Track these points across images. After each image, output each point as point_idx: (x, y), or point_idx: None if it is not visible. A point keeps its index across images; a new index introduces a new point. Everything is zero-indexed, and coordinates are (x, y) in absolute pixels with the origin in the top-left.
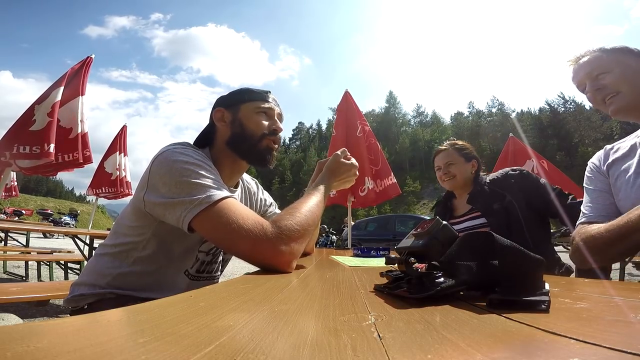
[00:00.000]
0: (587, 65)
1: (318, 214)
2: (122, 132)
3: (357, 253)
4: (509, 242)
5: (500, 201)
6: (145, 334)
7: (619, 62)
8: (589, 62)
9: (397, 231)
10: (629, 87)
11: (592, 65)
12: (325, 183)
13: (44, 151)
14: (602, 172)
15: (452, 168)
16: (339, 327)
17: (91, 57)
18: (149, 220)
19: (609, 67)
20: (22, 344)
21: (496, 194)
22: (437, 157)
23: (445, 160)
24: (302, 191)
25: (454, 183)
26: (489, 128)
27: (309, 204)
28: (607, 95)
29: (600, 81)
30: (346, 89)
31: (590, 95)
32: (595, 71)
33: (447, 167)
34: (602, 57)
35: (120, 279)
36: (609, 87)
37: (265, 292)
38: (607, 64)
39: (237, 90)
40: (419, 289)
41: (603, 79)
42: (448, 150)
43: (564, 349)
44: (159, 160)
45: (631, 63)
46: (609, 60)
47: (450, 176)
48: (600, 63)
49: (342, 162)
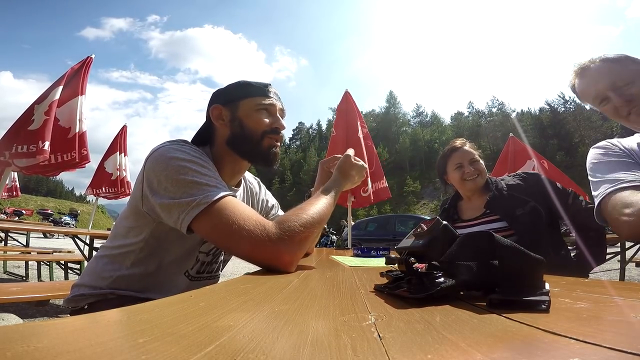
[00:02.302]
0: (609, 75)
1: (325, 216)
2: (122, 132)
3: (357, 253)
4: (509, 242)
5: (523, 207)
6: (145, 334)
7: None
8: (611, 73)
9: (397, 231)
10: None
11: (615, 77)
12: (337, 186)
13: (38, 149)
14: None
15: (477, 165)
16: (339, 327)
17: (91, 57)
18: (148, 220)
19: (633, 78)
20: (22, 344)
21: (517, 199)
22: (454, 155)
23: (468, 157)
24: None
25: (479, 182)
26: (489, 128)
27: (317, 206)
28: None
29: (629, 90)
30: (346, 89)
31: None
32: (620, 82)
33: (472, 163)
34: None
35: (120, 281)
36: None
37: (266, 292)
38: (630, 74)
39: (236, 84)
40: (419, 289)
41: (631, 88)
42: (466, 148)
43: (564, 349)
44: (154, 158)
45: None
46: (627, 71)
47: (477, 173)
48: (623, 73)
49: (354, 163)
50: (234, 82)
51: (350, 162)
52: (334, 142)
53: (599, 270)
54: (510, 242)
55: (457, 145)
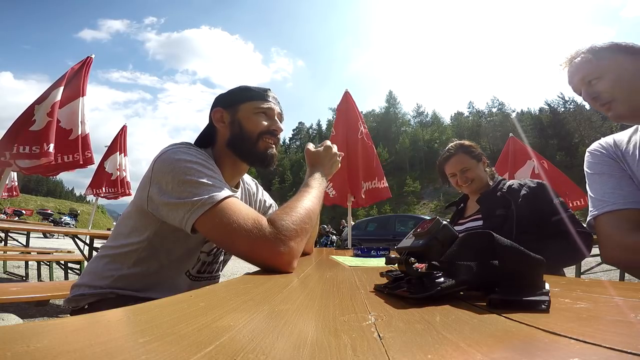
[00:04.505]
0: (579, 71)
1: (315, 210)
2: (122, 132)
3: (357, 253)
4: (509, 242)
5: (505, 208)
6: (145, 334)
7: (609, 66)
8: (580, 68)
9: (397, 231)
10: (623, 94)
11: (584, 71)
12: (313, 177)
13: (43, 151)
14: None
15: (468, 174)
16: (339, 327)
17: (91, 57)
18: (151, 220)
19: (601, 72)
20: (22, 344)
21: (504, 200)
22: (448, 164)
23: (459, 167)
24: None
25: (472, 188)
26: (489, 128)
27: (304, 201)
28: (603, 102)
29: (594, 88)
30: (346, 89)
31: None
32: (588, 77)
33: (463, 173)
34: (592, 61)
35: (121, 280)
36: (603, 94)
37: (265, 292)
38: (597, 69)
39: (236, 89)
40: (419, 289)
41: (596, 86)
42: (458, 155)
43: (564, 349)
44: (161, 159)
45: (622, 64)
46: (599, 64)
47: (468, 182)
48: (591, 68)
49: (315, 150)
50: (236, 87)
51: (310, 152)
52: (333, 142)
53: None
54: (510, 242)
55: (447, 154)
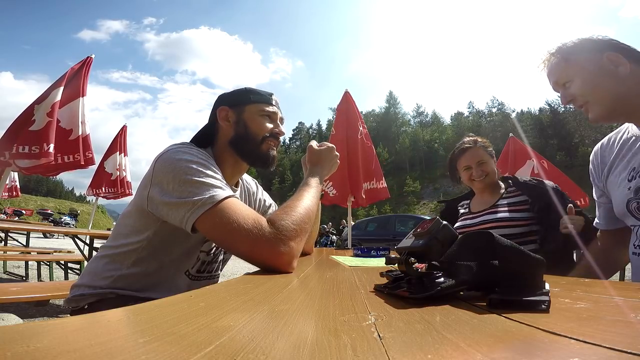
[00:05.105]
0: (552, 74)
1: (313, 209)
2: (122, 132)
3: (357, 253)
4: (509, 242)
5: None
6: (145, 334)
7: (577, 69)
8: (552, 72)
9: (397, 231)
10: (594, 95)
11: (556, 75)
12: (313, 176)
13: (43, 151)
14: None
15: (484, 167)
16: (339, 327)
17: (91, 57)
18: (151, 220)
19: (570, 75)
20: (22, 344)
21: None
22: (463, 157)
23: (476, 159)
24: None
25: (485, 182)
26: (489, 128)
27: (302, 200)
28: (579, 104)
29: (569, 90)
30: (346, 89)
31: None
32: (561, 80)
33: (479, 166)
34: (560, 64)
35: (121, 280)
36: (577, 97)
37: (265, 292)
38: (566, 72)
39: (242, 90)
40: (419, 289)
41: (570, 89)
42: (475, 148)
43: (564, 349)
44: (162, 159)
45: (585, 66)
46: (567, 67)
47: (483, 175)
48: (561, 72)
49: (318, 149)
50: (242, 88)
51: (313, 150)
52: (333, 142)
53: None
54: (511, 242)
55: (465, 146)
